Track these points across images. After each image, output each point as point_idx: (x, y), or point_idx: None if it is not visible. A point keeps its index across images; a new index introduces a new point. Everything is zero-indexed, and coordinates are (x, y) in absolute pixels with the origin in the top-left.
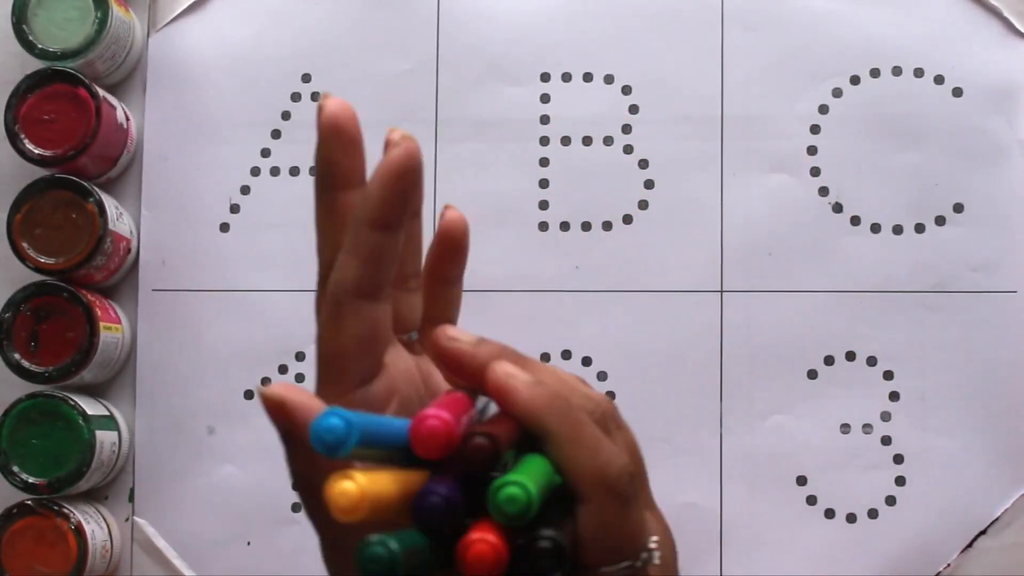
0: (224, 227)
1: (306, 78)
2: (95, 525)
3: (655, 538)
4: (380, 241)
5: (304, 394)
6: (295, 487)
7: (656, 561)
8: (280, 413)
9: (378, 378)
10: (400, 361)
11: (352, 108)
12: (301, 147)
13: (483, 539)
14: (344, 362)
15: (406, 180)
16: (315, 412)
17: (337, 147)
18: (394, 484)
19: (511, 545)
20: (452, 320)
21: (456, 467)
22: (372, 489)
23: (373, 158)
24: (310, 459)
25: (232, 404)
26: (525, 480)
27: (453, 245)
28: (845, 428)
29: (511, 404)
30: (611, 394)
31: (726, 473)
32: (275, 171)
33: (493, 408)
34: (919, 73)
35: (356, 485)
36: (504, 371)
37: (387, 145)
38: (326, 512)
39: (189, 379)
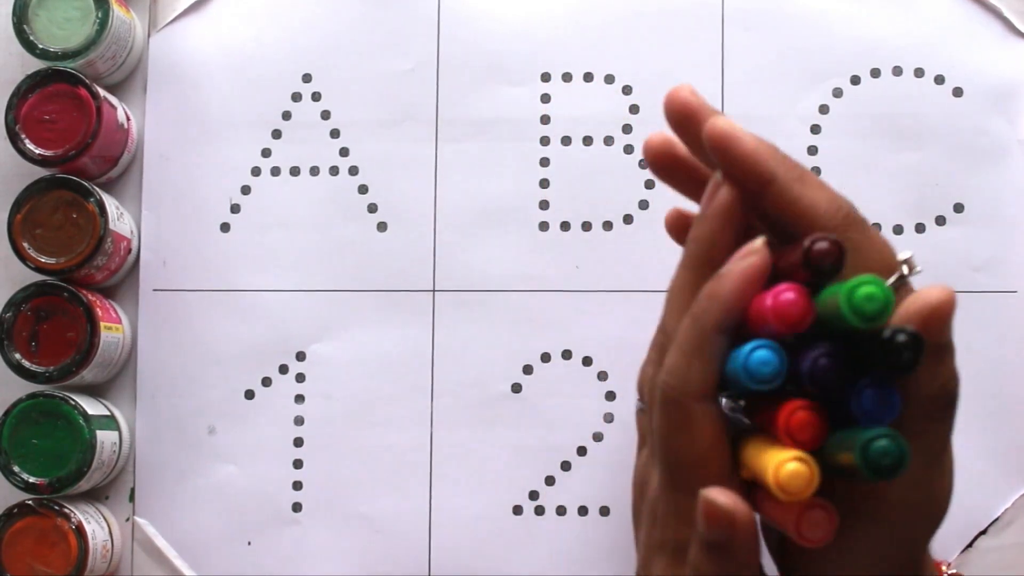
0: (225, 227)
1: (306, 78)
2: (96, 525)
3: (907, 251)
4: (726, 343)
5: (743, 503)
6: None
7: (918, 269)
8: (728, 523)
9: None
10: None
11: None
12: (302, 147)
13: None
14: (708, 466)
15: (756, 286)
16: (752, 522)
17: (727, 227)
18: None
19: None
20: None
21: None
22: (812, 461)
23: (375, 156)
24: (738, 564)
25: (233, 404)
26: (877, 279)
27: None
28: None
29: (736, 150)
30: (611, 394)
31: None
32: (276, 171)
33: None
34: (919, 73)
35: (804, 463)
36: (726, 121)
37: (707, 209)
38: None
39: (189, 379)
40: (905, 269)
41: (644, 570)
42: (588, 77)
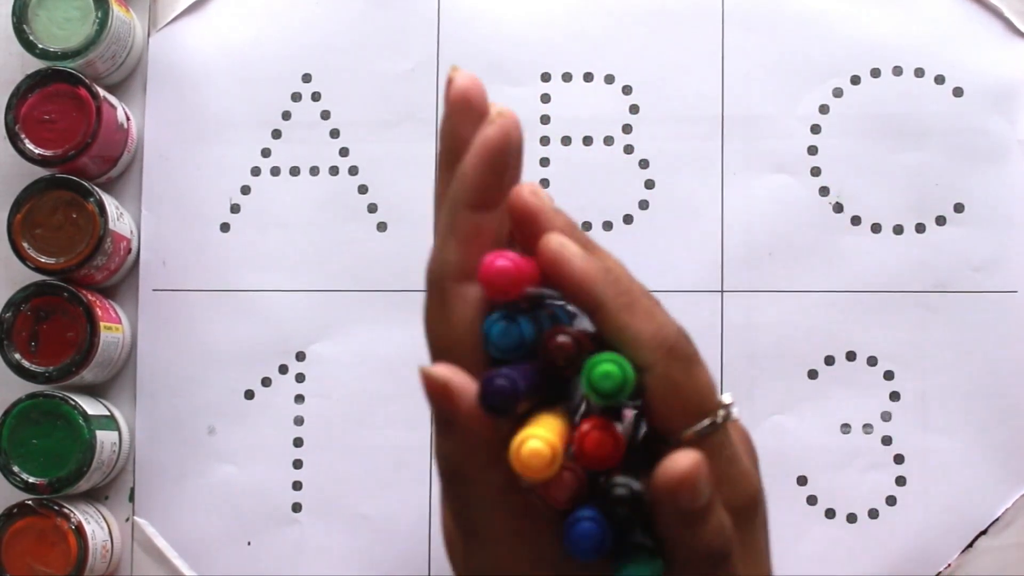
0: (224, 227)
1: (306, 78)
2: (95, 525)
3: (728, 395)
4: (479, 221)
5: (463, 375)
6: (442, 475)
7: (735, 416)
8: (444, 395)
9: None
10: None
11: (481, 83)
12: (301, 147)
13: (594, 427)
14: (460, 348)
15: (502, 159)
16: (473, 392)
17: (467, 121)
18: (560, 427)
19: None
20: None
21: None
22: (557, 441)
23: (375, 156)
24: (467, 443)
25: (232, 404)
26: (620, 359)
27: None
28: (845, 428)
29: (563, 274)
30: None
31: None
32: (275, 171)
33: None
34: (920, 73)
35: (544, 443)
36: (558, 241)
37: (454, 97)
38: (470, 500)
39: (189, 379)
40: (720, 415)
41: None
42: (588, 77)
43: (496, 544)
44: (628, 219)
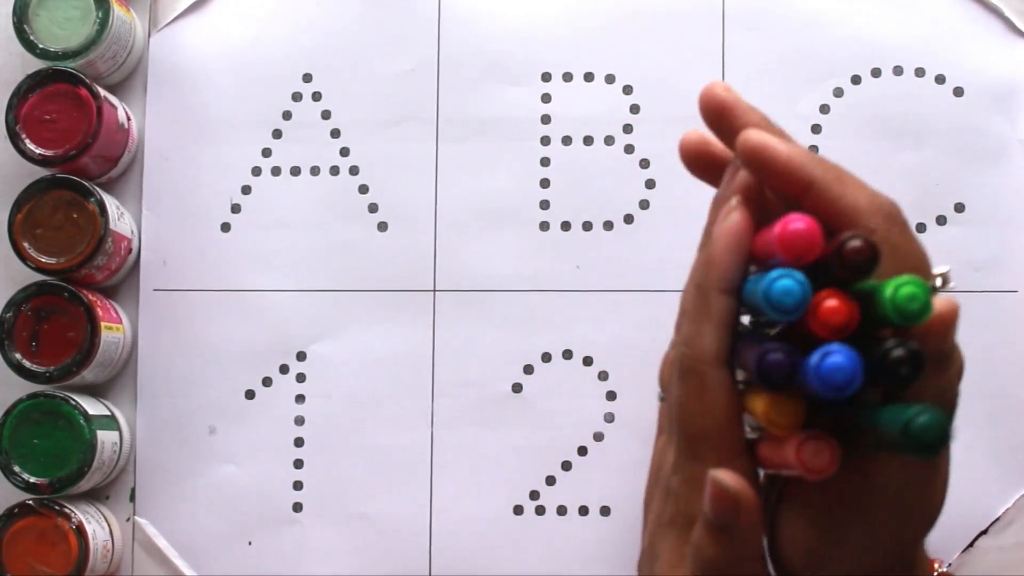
0: (225, 227)
1: (307, 78)
2: (96, 525)
3: (945, 267)
4: (731, 304)
5: (750, 488)
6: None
7: (951, 284)
8: (731, 505)
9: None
10: None
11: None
12: (302, 147)
13: (833, 298)
14: (719, 433)
15: (747, 244)
16: (757, 507)
17: (735, 253)
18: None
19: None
20: None
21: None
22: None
23: (375, 156)
24: (736, 551)
25: (233, 404)
26: (920, 280)
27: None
28: None
29: (770, 161)
30: (611, 394)
31: None
32: (276, 171)
33: None
34: (920, 73)
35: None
36: (757, 133)
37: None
38: None
39: (190, 379)
40: (939, 282)
41: (651, 549)
42: (589, 77)
43: None
44: (628, 219)
